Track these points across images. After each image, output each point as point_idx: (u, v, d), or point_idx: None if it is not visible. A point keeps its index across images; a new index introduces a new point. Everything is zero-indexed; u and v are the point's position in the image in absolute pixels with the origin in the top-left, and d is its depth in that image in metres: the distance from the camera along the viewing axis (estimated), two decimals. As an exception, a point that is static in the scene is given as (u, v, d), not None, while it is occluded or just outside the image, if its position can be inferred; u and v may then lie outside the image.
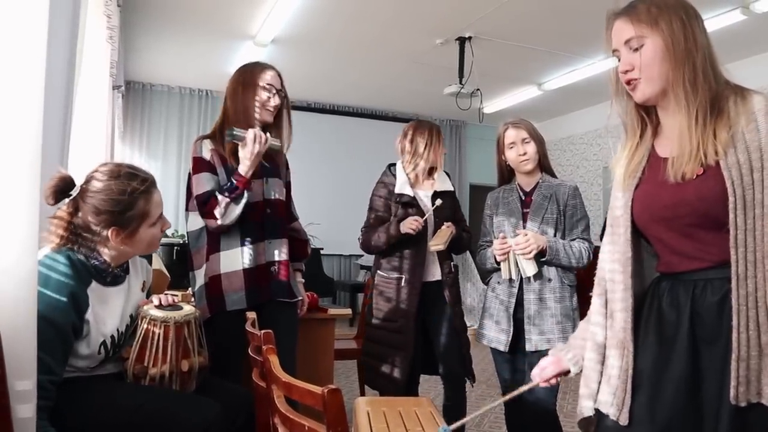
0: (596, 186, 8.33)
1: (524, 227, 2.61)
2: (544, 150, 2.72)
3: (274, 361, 1.54)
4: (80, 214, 1.80)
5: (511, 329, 2.56)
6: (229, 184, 2.31)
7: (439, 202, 2.90)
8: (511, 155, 2.68)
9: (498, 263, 2.60)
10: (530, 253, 2.48)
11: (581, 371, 1.51)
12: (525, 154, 2.64)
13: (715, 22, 5.39)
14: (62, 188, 1.77)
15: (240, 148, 2.32)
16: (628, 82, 1.37)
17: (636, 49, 1.34)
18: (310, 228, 2.80)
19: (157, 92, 8.21)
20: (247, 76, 2.48)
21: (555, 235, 2.59)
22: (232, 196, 2.30)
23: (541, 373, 1.61)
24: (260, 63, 2.53)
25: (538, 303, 2.55)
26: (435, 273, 2.92)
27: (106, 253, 1.84)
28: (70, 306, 1.69)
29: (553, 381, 1.61)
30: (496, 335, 2.60)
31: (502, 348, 2.58)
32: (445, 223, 2.86)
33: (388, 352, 2.91)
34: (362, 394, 3.80)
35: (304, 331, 2.57)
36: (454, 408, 2.90)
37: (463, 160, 10.01)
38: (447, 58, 6.41)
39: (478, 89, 6.40)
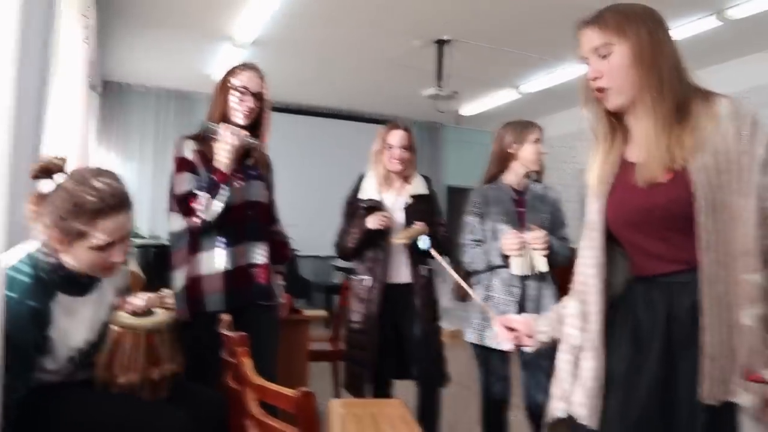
0: (572, 189, 8.39)
1: (523, 226, 2.65)
2: None
3: (247, 363, 1.54)
4: (45, 205, 1.72)
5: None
6: (207, 180, 2.32)
7: (410, 201, 2.93)
8: (532, 150, 2.73)
9: (503, 260, 2.62)
10: (546, 248, 2.57)
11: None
12: (543, 153, 2.74)
13: (691, 27, 5.47)
14: (49, 169, 1.71)
15: (216, 142, 2.34)
16: (599, 90, 1.40)
17: (604, 57, 1.37)
18: (287, 229, 2.80)
19: (134, 93, 8.12)
20: (224, 78, 2.48)
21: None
22: (212, 192, 2.30)
23: (505, 324, 1.64)
24: (241, 64, 2.52)
25: (538, 300, 2.62)
26: (404, 275, 2.92)
27: (67, 260, 1.75)
28: (30, 323, 1.63)
29: (512, 336, 1.62)
30: None
31: (506, 347, 2.56)
32: (416, 223, 2.86)
33: (353, 353, 2.93)
34: (336, 396, 3.81)
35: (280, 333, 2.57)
36: (427, 410, 2.92)
37: (440, 163, 10.04)
38: (425, 60, 6.43)
39: (456, 92, 6.42)
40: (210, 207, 2.30)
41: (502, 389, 2.69)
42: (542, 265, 2.58)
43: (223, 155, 2.32)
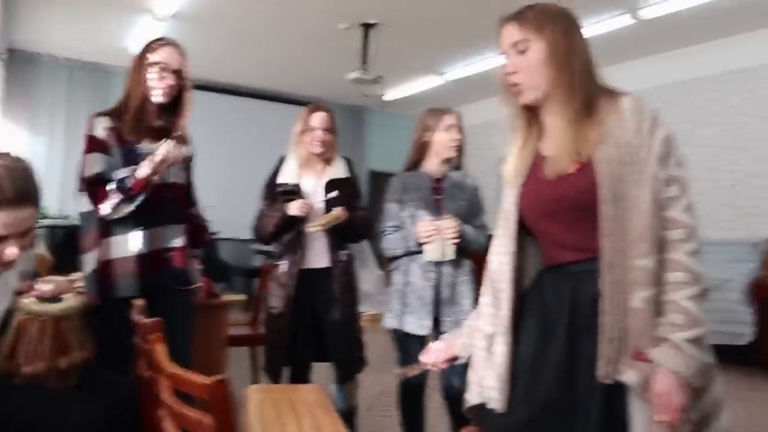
0: (491, 176, 8.54)
1: (440, 214, 2.67)
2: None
3: (161, 350, 1.50)
4: None
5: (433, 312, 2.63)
6: (124, 181, 2.22)
7: (334, 193, 2.89)
8: (444, 137, 2.75)
9: (420, 246, 2.64)
10: (458, 236, 2.59)
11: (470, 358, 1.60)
12: (456, 140, 2.77)
13: (606, 24, 5.69)
14: None
15: (148, 159, 2.23)
16: (515, 85, 1.46)
17: (522, 52, 1.43)
18: (206, 211, 2.73)
19: (44, 63, 7.69)
20: (141, 53, 2.38)
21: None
22: (125, 196, 2.21)
23: (431, 357, 1.73)
24: (159, 39, 2.41)
25: (453, 286, 2.66)
26: (322, 260, 2.89)
27: None
28: None
29: (444, 365, 1.71)
30: (418, 320, 2.63)
31: (425, 332, 2.60)
32: (334, 209, 2.84)
33: (270, 338, 2.92)
34: (256, 381, 3.78)
35: (196, 318, 2.51)
36: (346, 393, 2.93)
37: (364, 146, 10.05)
38: (351, 43, 6.40)
39: (380, 76, 6.44)
40: (120, 208, 2.23)
41: (419, 373, 2.73)
42: (451, 253, 2.62)
43: (149, 166, 2.22)
